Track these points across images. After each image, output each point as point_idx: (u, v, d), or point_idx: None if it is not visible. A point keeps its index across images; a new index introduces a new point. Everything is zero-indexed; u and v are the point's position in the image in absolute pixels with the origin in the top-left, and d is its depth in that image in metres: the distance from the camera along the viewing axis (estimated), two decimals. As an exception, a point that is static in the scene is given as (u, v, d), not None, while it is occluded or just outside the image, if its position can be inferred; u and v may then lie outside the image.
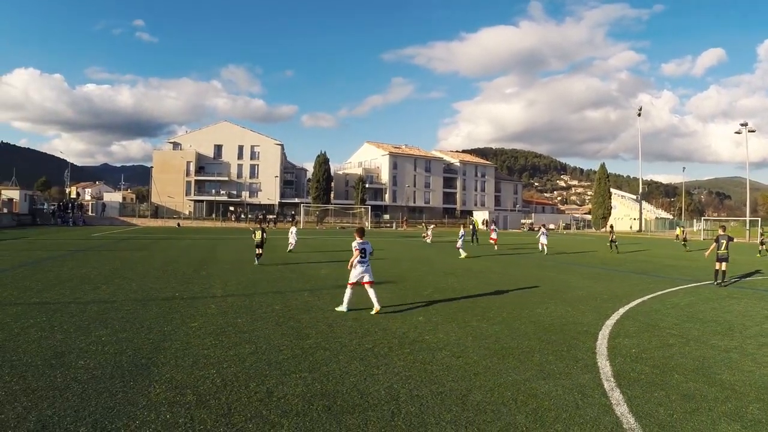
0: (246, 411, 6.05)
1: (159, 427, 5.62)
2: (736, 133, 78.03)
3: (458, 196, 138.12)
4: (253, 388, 6.78)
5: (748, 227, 75.01)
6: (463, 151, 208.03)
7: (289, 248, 31.02)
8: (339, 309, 12.36)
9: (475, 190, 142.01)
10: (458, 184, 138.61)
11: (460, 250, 31.16)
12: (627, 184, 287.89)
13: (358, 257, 12.41)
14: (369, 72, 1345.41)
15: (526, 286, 17.69)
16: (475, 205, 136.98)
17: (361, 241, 12.58)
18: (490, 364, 8.08)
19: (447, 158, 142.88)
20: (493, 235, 41.05)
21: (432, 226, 34.73)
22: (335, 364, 7.88)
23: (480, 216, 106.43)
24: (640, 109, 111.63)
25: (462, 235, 32.57)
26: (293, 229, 33.32)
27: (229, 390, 6.72)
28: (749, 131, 76.58)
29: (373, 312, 12.06)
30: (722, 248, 19.38)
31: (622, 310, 13.22)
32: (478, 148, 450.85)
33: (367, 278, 12.47)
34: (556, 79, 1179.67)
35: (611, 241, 40.09)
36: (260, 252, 23.94)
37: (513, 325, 11.07)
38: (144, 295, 14.14)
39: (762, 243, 41.02)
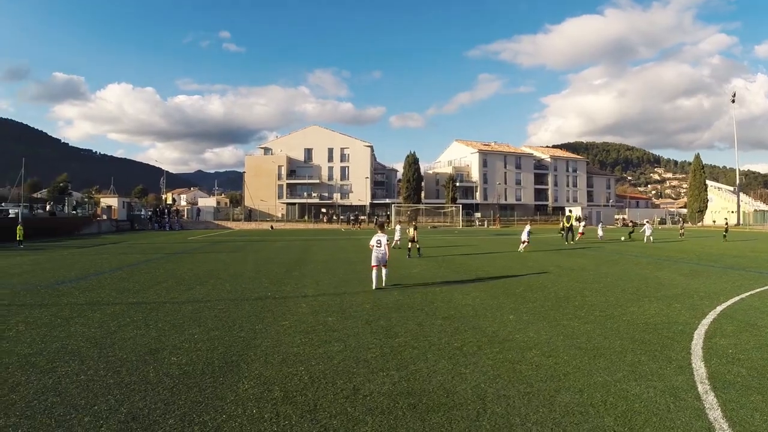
0: (331, 408, 6.11)
1: (245, 421, 5.76)
2: None
3: (550, 192, 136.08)
4: (339, 386, 6.84)
5: None
6: (553, 146, 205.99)
7: (393, 245, 31.71)
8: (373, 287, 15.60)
9: (567, 185, 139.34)
10: (549, 180, 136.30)
11: (521, 245, 31.72)
12: (723, 175, 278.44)
13: (375, 246, 15.88)
14: (455, 69, 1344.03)
15: (620, 284, 17.21)
16: (567, 201, 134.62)
17: (379, 234, 16.14)
18: (580, 364, 7.90)
19: (537, 154, 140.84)
20: (581, 230, 45.65)
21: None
22: (423, 363, 7.85)
23: (574, 212, 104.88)
24: (734, 95, 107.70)
25: (528, 231, 32.68)
26: (398, 227, 36.25)
27: (316, 387, 6.81)
28: None
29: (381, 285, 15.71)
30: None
31: (719, 309, 12.67)
32: (568, 142, 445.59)
33: (382, 262, 15.92)
34: (645, 68, 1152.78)
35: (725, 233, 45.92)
36: (413, 246, 27.51)
37: (605, 324, 10.78)
38: (237, 295, 14.44)
39: None
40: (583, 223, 49.40)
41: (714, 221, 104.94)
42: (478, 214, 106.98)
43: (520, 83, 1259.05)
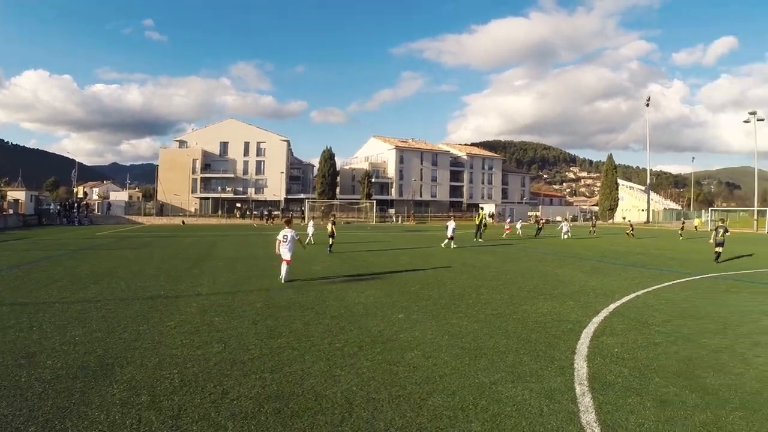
0: (195, 413, 5.95)
1: (105, 428, 5.58)
2: (745, 122, 76.76)
3: (465, 189, 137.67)
4: (209, 389, 6.67)
5: (756, 217, 74.99)
6: (472, 144, 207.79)
7: (307, 241, 31.93)
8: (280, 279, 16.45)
9: (483, 183, 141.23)
10: (465, 177, 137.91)
11: (452, 241, 32.08)
12: (636, 175, 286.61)
13: (282, 240, 16.39)
14: (379, 66, 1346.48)
15: (518, 281, 17.44)
16: (482, 198, 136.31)
17: (286, 229, 16.71)
18: (459, 365, 7.86)
19: (454, 151, 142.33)
20: (507, 227, 49.34)
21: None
22: (299, 365, 7.72)
23: (487, 209, 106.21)
24: (648, 99, 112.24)
25: (453, 227, 32.81)
26: (311, 223, 36.40)
27: (186, 391, 6.62)
28: (758, 120, 75.35)
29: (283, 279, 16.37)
30: (719, 236, 24.96)
31: (612, 306, 12.89)
32: (487, 141, 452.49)
33: (286, 257, 16.43)
34: (566, 71, 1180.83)
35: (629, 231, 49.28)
36: (331, 242, 27.89)
37: (494, 323, 10.81)
38: (130, 294, 14.01)
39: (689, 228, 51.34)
40: (508, 220, 53.19)
41: (623, 218, 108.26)
42: (392, 210, 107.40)
43: (442, 82, 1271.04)
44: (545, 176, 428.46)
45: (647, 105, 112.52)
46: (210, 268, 20.22)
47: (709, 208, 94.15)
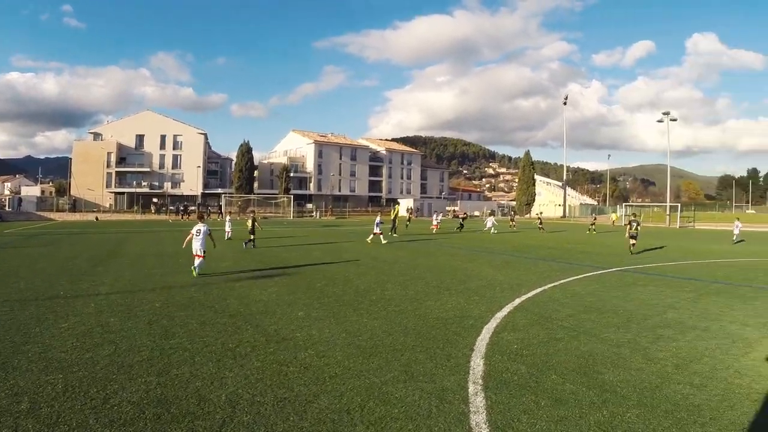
0: (73, 420, 5.74)
1: (-23, 439, 5.28)
2: (659, 121, 79.86)
3: (384, 184, 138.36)
4: (92, 395, 6.45)
5: (668, 212, 77.75)
6: (393, 140, 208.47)
7: (227, 237, 32.61)
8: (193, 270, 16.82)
9: (401, 178, 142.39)
10: (384, 172, 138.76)
11: (381, 236, 31.70)
12: (555, 171, 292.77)
13: (195, 235, 16.97)
14: (302, 60, 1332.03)
15: (426, 276, 17.50)
16: (401, 192, 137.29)
17: (199, 224, 17.23)
18: (352, 365, 7.77)
19: (373, 146, 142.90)
20: (435, 222, 49.91)
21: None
22: (188, 366, 7.55)
23: (404, 203, 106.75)
24: (566, 98, 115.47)
25: (379, 222, 32.52)
26: (228, 218, 36.63)
27: (68, 397, 6.39)
28: (671, 120, 78.31)
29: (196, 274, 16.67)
30: (633, 229, 27.60)
31: (517, 301, 13.00)
32: (407, 136, 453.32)
33: (199, 252, 16.93)
34: (488, 69, 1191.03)
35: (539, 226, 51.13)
36: (252, 238, 27.64)
37: (395, 320, 10.76)
38: (29, 294, 13.46)
39: (592, 224, 53.37)
40: (436, 216, 52.46)
41: (537, 213, 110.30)
42: (310, 205, 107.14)
43: (365, 77, 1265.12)
44: (465, 172, 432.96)
45: (564, 104, 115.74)
46: (115, 266, 19.70)
47: (623, 204, 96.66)
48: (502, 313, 11.54)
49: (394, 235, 39.70)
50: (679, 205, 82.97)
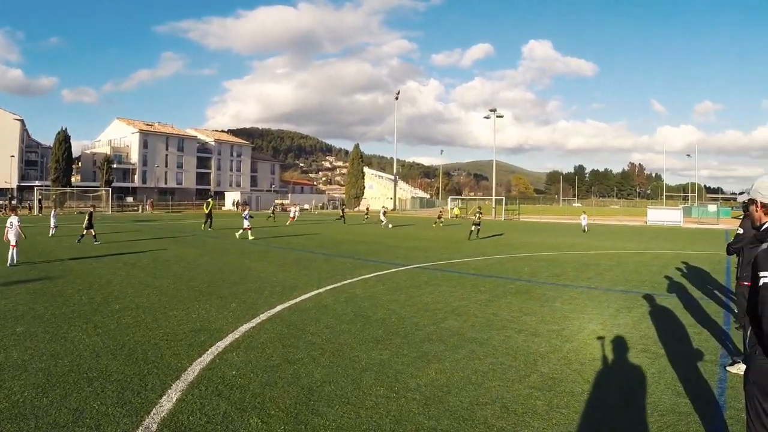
0: None
1: None
2: (485, 118, 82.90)
3: (213, 176, 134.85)
4: None
5: (494, 205, 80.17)
6: (230, 131, 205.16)
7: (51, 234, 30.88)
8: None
9: (231, 170, 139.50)
10: (213, 164, 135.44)
11: (249, 231, 30.68)
12: (390, 165, 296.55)
13: (8, 227, 18.09)
14: (140, 45, 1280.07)
15: (200, 276, 15.85)
16: (231, 185, 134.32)
17: (12, 216, 18.51)
18: (21, 400, 5.96)
19: (202, 137, 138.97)
20: (291, 214, 53.07)
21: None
22: None
23: (231, 197, 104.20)
24: (398, 93, 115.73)
25: (248, 215, 31.37)
26: (53, 213, 34.14)
27: None
28: (498, 117, 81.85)
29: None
30: (476, 218, 35.27)
31: (279, 308, 11.29)
32: (245, 128, 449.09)
33: (13, 242, 17.93)
34: (329, 62, 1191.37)
35: (365, 215, 56.58)
36: (93, 233, 26.88)
37: (119, 336, 8.81)
38: None
39: (439, 217, 54.81)
40: (297, 209, 55.69)
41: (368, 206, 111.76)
42: (130, 199, 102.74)
43: (204, 65, 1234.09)
44: (302, 165, 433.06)
45: (396, 98, 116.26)
46: None
47: (450, 197, 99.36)
48: (249, 325, 9.79)
49: (209, 228, 38.61)
50: (503, 198, 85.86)
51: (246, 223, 30.61)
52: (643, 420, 5.84)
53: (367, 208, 67.94)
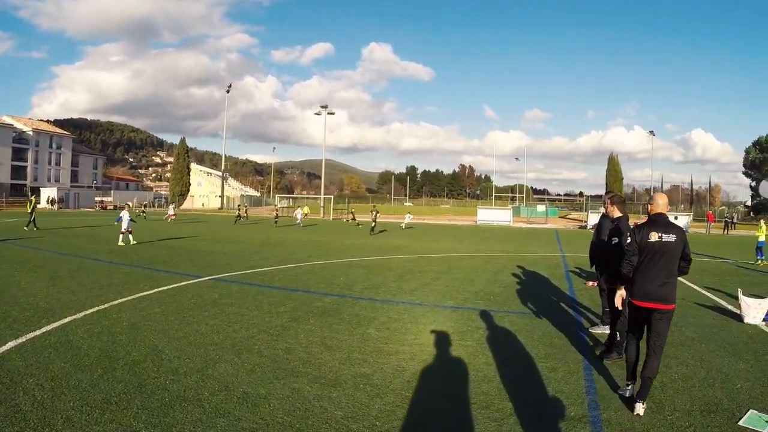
0: None
1: None
2: (316, 114, 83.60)
3: (29, 170, 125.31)
4: None
5: (323, 204, 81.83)
6: (55, 122, 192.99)
7: None
8: None
9: (50, 163, 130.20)
10: (30, 156, 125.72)
11: (130, 234, 27.01)
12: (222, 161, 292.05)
13: None
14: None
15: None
16: (49, 180, 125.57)
17: None
18: None
19: (18, 125, 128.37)
20: (170, 212, 54.84)
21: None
22: None
23: (47, 193, 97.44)
24: (230, 86, 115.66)
25: (126, 218, 27.17)
26: None
27: None
28: (329, 113, 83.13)
29: None
30: (373, 217, 42.36)
31: (11, 344, 8.42)
32: (72, 118, 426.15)
33: None
34: (165, 52, 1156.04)
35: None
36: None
37: None
38: None
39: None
40: (172, 206, 60.11)
41: (203, 204, 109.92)
42: None
43: (33, 47, 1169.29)
44: (132, 160, 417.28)
45: (228, 92, 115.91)
46: None
47: (278, 195, 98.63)
48: None
49: (36, 228, 36.01)
50: (332, 197, 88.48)
51: (125, 225, 26.85)
52: None
53: (352, 213, 64.71)
